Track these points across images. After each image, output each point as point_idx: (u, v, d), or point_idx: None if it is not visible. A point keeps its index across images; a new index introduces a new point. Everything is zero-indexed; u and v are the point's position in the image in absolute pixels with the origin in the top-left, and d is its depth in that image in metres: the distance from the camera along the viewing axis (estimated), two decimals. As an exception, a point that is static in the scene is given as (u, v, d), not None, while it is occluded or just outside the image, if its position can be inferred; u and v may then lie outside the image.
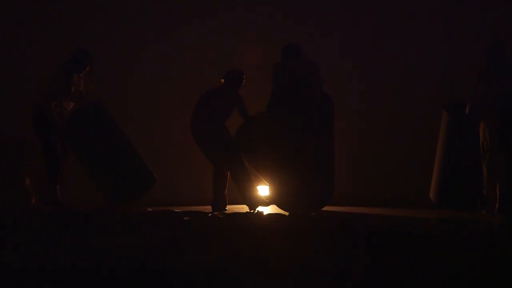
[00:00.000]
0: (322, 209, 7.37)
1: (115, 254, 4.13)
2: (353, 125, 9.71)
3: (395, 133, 9.62)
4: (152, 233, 4.95)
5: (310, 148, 7.12)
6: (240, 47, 9.72)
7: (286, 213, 7.03)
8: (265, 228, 5.50)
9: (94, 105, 7.65)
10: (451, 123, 7.38)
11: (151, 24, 9.97)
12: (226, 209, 7.66)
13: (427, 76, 9.68)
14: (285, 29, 9.66)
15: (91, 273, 3.54)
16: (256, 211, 7.33)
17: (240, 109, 7.67)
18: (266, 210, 7.66)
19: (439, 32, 9.72)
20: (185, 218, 6.05)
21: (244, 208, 7.67)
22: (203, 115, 7.67)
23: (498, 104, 7.16)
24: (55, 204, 7.49)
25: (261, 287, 3.31)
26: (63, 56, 7.74)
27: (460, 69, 7.47)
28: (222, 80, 7.79)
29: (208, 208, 7.69)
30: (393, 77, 9.77)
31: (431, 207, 8.03)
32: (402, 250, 4.38)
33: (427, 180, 7.96)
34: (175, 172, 9.59)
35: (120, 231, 5.22)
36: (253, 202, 7.63)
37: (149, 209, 7.27)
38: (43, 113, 7.52)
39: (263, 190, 7.90)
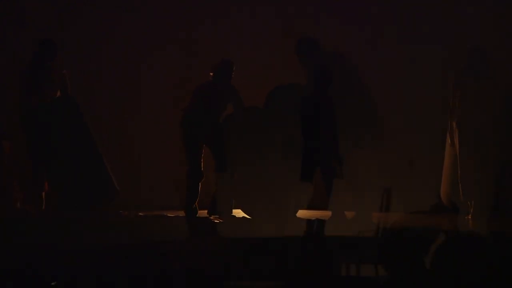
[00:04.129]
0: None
1: (114, 256, 4.12)
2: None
3: (395, 133, 9.59)
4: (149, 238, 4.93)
5: None
6: (234, 48, 9.64)
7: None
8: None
9: (59, 99, 7.40)
10: None
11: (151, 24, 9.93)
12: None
13: (428, 75, 9.66)
14: (283, 29, 9.62)
15: (90, 273, 3.54)
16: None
17: (235, 103, 7.17)
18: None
19: (439, 31, 9.70)
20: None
21: (240, 212, 7.45)
22: (197, 111, 7.23)
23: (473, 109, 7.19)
24: (32, 206, 7.32)
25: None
26: (62, 56, 7.67)
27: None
28: (211, 74, 7.33)
29: (204, 213, 7.31)
30: (394, 77, 9.75)
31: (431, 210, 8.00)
32: (402, 250, 4.37)
33: (426, 181, 7.94)
34: (169, 173, 9.48)
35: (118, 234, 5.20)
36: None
37: (140, 213, 7.14)
38: (23, 113, 7.38)
39: None
